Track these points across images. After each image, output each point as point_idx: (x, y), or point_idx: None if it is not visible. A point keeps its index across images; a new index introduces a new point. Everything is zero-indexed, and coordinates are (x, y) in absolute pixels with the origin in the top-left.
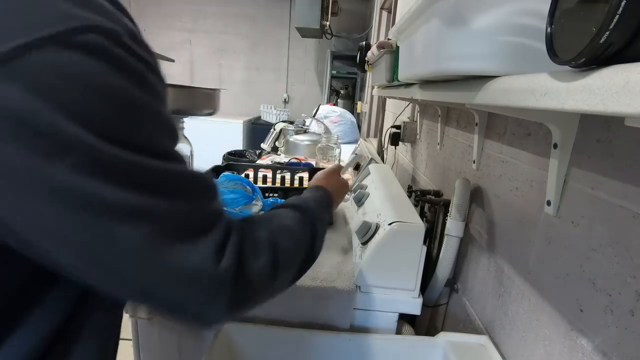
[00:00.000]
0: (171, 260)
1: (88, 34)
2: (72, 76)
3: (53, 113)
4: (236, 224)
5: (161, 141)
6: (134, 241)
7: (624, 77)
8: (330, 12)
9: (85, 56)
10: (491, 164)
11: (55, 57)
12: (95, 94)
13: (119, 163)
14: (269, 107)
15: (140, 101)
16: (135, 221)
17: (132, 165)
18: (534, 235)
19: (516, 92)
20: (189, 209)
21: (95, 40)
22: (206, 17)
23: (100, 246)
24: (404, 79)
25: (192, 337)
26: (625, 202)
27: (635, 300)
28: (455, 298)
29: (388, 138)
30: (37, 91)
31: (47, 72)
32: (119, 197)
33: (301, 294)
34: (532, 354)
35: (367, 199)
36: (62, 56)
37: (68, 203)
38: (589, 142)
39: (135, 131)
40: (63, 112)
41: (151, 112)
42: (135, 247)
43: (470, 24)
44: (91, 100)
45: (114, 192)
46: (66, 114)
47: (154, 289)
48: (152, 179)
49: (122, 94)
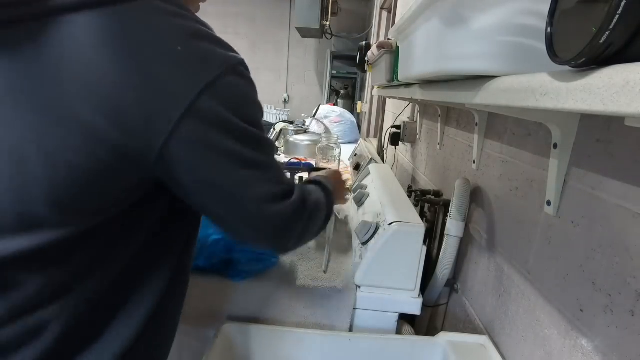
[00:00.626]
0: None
1: (238, 67)
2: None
3: (229, 113)
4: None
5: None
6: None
7: (624, 77)
8: (330, 12)
9: (241, 80)
10: (491, 164)
11: (230, 81)
12: (245, 101)
13: (256, 136)
14: (269, 107)
15: (256, 98)
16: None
17: (262, 137)
18: (534, 235)
19: (516, 92)
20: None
21: (243, 70)
22: (206, 17)
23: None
24: (404, 79)
25: (192, 337)
26: (625, 202)
27: (635, 300)
28: (455, 298)
29: (388, 138)
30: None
31: (227, 91)
32: (257, 156)
33: (301, 294)
34: (532, 354)
35: (367, 199)
36: (232, 80)
37: (233, 160)
38: (589, 142)
39: (259, 119)
40: (233, 112)
41: (259, 104)
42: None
43: (470, 24)
44: (245, 105)
45: (254, 154)
46: (234, 113)
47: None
48: (268, 145)
49: (254, 98)
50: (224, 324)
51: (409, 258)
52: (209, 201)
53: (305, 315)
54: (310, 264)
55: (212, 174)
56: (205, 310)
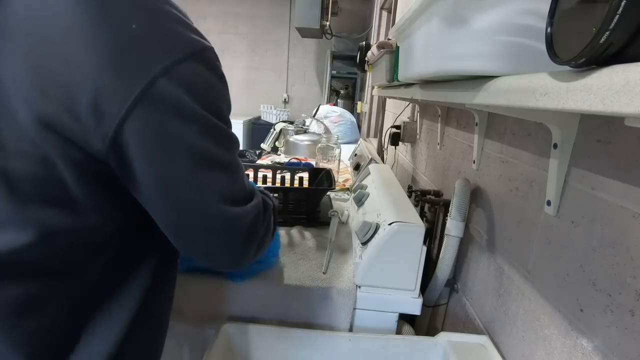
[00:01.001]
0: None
1: (206, 53)
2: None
3: (191, 100)
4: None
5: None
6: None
7: (624, 77)
8: (330, 12)
9: (207, 69)
10: (491, 164)
11: (193, 67)
12: (211, 92)
13: (222, 131)
14: (269, 107)
15: (226, 93)
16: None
17: (229, 133)
18: (534, 235)
19: (516, 92)
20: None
21: (212, 59)
22: (206, 17)
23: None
24: (404, 79)
25: (192, 337)
26: (625, 202)
27: (635, 300)
28: (455, 298)
29: (388, 138)
30: (184, 87)
31: (189, 75)
32: (222, 153)
33: (301, 294)
34: (532, 354)
35: (367, 199)
36: (196, 67)
37: (193, 155)
38: (589, 142)
39: (226, 116)
40: (196, 100)
41: (228, 101)
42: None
43: (470, 24)
44: (210, 96)
45: (219, 150)
46: (196, 101)
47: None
48: (234, 143)
49: (222, 92)
50: (224, 324)
51: (409, 258)
52: (162, 203)
53: (305, 315)
54: (310, 264)
55: (169, 169)
56: (205, 310)
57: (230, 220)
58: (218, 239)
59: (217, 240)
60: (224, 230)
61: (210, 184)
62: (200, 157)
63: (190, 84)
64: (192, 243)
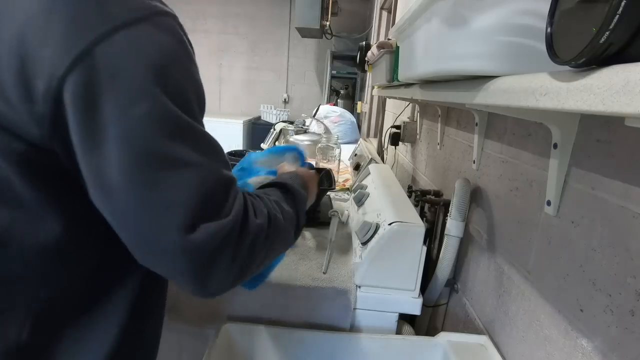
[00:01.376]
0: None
1: (162, 17)
2: (153, 44)
3: (139, 74)
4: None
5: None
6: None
7: (624, 77)
8: (330, 12)
9: (165, 34)
10: (491, 164)
11: (143, 31)
12: (168, 62)
13: (180, 119)
14: (269, 107)
15: (193, 71)
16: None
17: (188, 124)
18: (534, 235)
19: (516, 92)
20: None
21: (170, 23)
22: (206, 17)
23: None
24: (404, 79)
25: (192, 337)
26: (625, 202)
27: (635, 300)
28: (455, 298)
29: (388, 138)
30: (130, 54)
31: (137, 40)
32: (178, 148)
33: (301, 294)
34: (532, 354)
35: (367, 199)
36: (148, 31)
37: (134, 144)
38: (589, 142)
39: (189, 96)
40: (146, 72)
41: (195, 81)
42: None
43: (470, 24)
44: (166, 67)
45: (171, 143)
46: (146, 73)
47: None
48: (196, 135)
49: (185, 64)
50: (224, 324)
51: (409, 258)
52: (102, 207)
53: (305, 315)
54: (310, 264)
55: (105, 164)
56: (205, 310)
57: (180, 243)
58: (170, 264)
59: (170, 265)
60: (176, 257)
61: (151, 188)
62: (145, 149)
63: (139, 52)
64: (142, 260)
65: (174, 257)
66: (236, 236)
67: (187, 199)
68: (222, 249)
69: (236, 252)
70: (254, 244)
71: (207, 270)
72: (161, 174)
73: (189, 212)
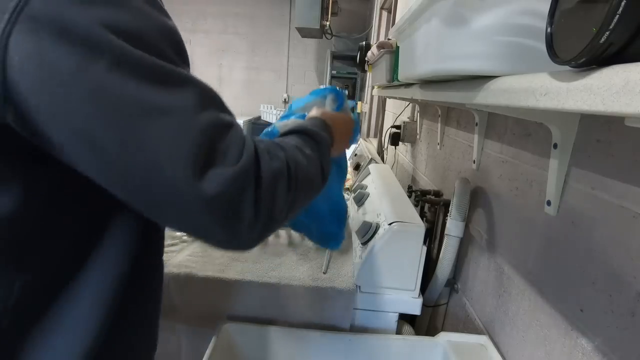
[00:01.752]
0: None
1: None
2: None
3: (90, 22)
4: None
5: (164, 49)
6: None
7: (624, 77)
8: (330, 12)
9: None
10: (491, 164)
11: None
12: (123, 7)
13: (142, 62)
14: (269, 107)
15: (144, 10)
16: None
17: (161, 67)
18: (534, 235)
19: (516, 92)
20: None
21: None
22: (206, 17)
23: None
24: (404, 79)
25: (192, 337)
26: (625, 202)
27: (635, 301)
28: (455, 298)
29: (388, 138)
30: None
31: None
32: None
33: (301, 294)
34: (532, 354)
35: (367, 199)
36: None
37: (102, 99)
38: (589, 142)
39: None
40: (97, 20)
41: (158, 22)
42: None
43: (470, 24)
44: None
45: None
46: (100, 22)
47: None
48: (172, 77)
49: (142, 7)
50: (224, 324)
51: (409, 258)
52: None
53: (305, 315)
54: (310, 264)
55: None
56: (205, 310)
57: (188, 193)
58: (193, 221)
59: (193, 222)
60: (196, 212)
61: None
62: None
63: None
64: (159, 220)
65: (194, 212)
66: (253, 181)
67: (182, 145)
68: (240, 195)
69: (257, 197)
70: (274, 187)
71: (232, 220)
72: (142, 123)
73: (189, 160)
